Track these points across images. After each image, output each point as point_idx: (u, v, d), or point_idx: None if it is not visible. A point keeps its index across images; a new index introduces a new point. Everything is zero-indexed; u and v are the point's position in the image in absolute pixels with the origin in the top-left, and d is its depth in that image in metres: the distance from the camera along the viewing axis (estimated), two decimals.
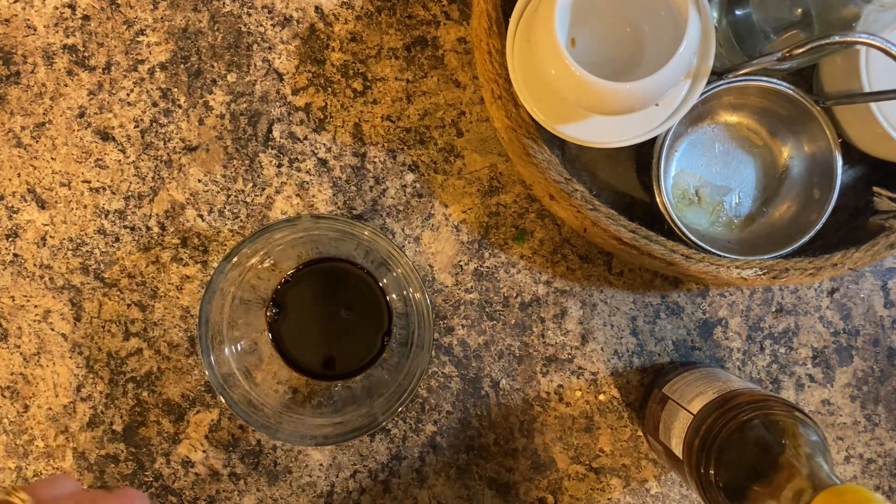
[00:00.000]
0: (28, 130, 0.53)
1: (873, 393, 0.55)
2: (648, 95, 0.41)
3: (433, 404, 0.54)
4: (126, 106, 0.53)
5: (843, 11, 0.42)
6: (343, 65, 0.54)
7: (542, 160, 0.47)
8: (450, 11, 0.54)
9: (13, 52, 0.53)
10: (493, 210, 0.54)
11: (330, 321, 0.52)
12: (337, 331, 0.52)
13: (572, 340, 0.54)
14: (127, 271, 0.54)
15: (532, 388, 0.54)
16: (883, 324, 0.55)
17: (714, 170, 0.53)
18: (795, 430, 0.40)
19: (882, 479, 0.56)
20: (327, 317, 0.52)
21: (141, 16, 0.53)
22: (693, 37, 0.40)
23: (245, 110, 0.53)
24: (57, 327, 0.54)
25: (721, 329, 0.55)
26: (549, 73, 0.41)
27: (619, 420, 0.55)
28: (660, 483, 0.55)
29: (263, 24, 0.53)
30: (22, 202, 0.53)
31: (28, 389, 0.54)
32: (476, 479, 0.54)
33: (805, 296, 0.55)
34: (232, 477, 0.54)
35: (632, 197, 0.53)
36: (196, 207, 0.54)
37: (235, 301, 0.49)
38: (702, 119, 0.53)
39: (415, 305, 0.48)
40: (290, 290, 0.52)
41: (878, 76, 0.47)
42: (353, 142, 0.54)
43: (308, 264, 0.52)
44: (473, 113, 0.54)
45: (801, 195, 0.52)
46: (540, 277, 0.54)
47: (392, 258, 0.47)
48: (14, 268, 0.54)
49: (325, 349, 0.52)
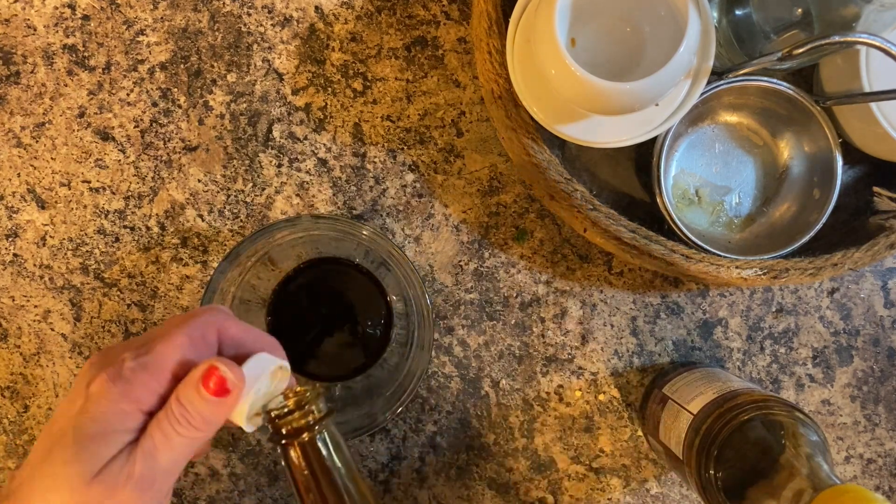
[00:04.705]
0: (28, 130, 0.53)
1: (873, 393, 0.55)
2: (648, 95, 0.41)
3: (433, 404, 0.54)
4: (126, 106, 0.53)
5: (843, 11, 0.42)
6: (343, 65, 0.54)
7: (542, 160, 0.47)
8: (450, 11, 0.54)
9: (13, 52, 0.53)
10: (493, 210, 0.54)
11: (330, 321, 0.52)
12: (337, 331, 0.52)
13: (572, 340, 0.54)
14: (127, 271, 0.54)
15: (532, 388, 0.54)
16: (883, 324, 0.55)
17: (714, 170, 0.53)
18: (795, 430, 0.40)
19: (882, 479, 0.56)
20: (327, 317, 0.52)
21: (141, 16, 0.53)
22: (693, 37, 0.40)
23: (245, 110, 0.53)
24: (57, 327, 0.54)
25: (721, 329, 0.55)
26: (549, 73, 0.41)
27: (619, 420, 0.55)
28: (660, 483, 0.55)
29: (263, 24, 0.53)
30: (22, 202, 0.53)
31: (28, 389, 0.54)
32: (476, 479, 0.54)
33: (805, 296, 0.55)
34: (232, 477, 0.54)
35: (632, 197, 0.53)
36: (196, 207, 0.54)
37: (235, 301, 0.48)
38: (702, 119, 0.53)
39: (415, 305, 0.48)
40: (290, 290, 0.52)
41: (878, 76, 0.47)
42: (353, 142, 0.54)
43: (308, 264, 0.52)
44: (473, 113, 0.54)
45: (801, 195, 0.52)
46: (540, 277, 0.54)
47: (392, 258, 0.47)
48: (14, 268, 0.54)
49: (324, 349, 0.52)
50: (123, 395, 0.31)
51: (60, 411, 0.32)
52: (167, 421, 0.32)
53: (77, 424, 0.31)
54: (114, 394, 0.31)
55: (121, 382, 0.31)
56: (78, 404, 0.32)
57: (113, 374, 0.31)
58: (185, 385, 0.32)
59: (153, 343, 0.33)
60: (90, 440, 0.31)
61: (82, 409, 0.31)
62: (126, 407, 0.31)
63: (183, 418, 0.31)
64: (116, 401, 0.31)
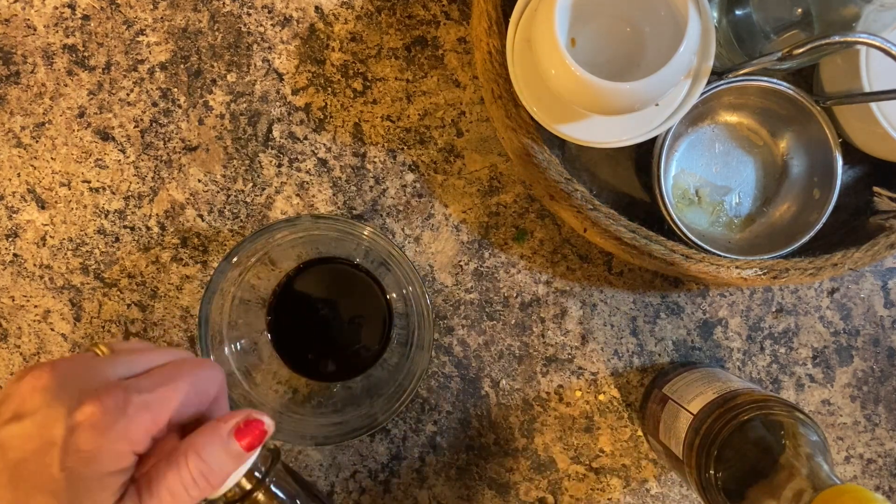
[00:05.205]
0: (28, 130, 0.53)
1: (873, 393, 0.55)
2: (648, 95, 0.41)
3: (433, 404, 0.54)
4: (126, 106, 0.53)
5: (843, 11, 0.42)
6: (343, 65, 0.54)
7: (542, 160, 0.47)
8: (450, 11, 0.54)
9: (13, 52, 0.53)
10: (493, 210, 0.54)
11: (330, 321, 0.52)
12: (337, 331, 0.52)
13: (572, 340, 0.54)
14: (127, 271, 0.54)
15: (532, 388, 0.54)
16: (883, 324, 0.55)
17: (714, 170, 0.53)
18: (795, 430, 0.40)
19: (882, 479, 0.56)
20: (327, 317, 0.52)
21: (141, 16, 0.53)
22: (693, 37, 0.40)
23: (245, 110, 0.53)
24: (57, 327, 0.54)
25: (721, 329, 0.55)
26: (549, 73, 0.41)
27: (619, 420, 0.55)
28: (660, 483, 0.55)
29: (263, 24, 0.53)
30: (22, 202, 0.53)
31: None
32: (476, 479, 0.54)
33: (805, 296, 0.55)
34: None
35: (632, 197, 0.53)
36: (196, 207, 0.54)
37: (235, 301, 0.48)
38: (702, 119, 0.53)
39: (415, 305, 0.48)
40: (289, 290, 0.52)
41: (878, 76, 0.47)
42: (353, 142, 0.54)
43: (308, 264, 0.52)
44: (473, 113, 0.54)
45: (801, 195, 0.52)
46: (540, 277, 0.54)
47: (392, 258, 0.47)
48: (14, 268, 0.54)
49: (324, 349, 0.52)
50: (123, 434, 0.27)
51: (24, 438, 0.26)
52: (177, 478, 0.28)
53: (67, 465, 0.26)
54: (114, 430, 0.27)
55: (123, 419, 0.27)
56: (57, 434, 0.26)
57: (113, 406, 0.27)
58: (210, 438, 0.29)
59: (152, 381, 0.29)
60: (87, 488, 0.26)
61: (69, 445, 0.26)
62: (122, 447, 0.27)
63: (202, 476, 0.28)
64: (115, 439, 0.27)
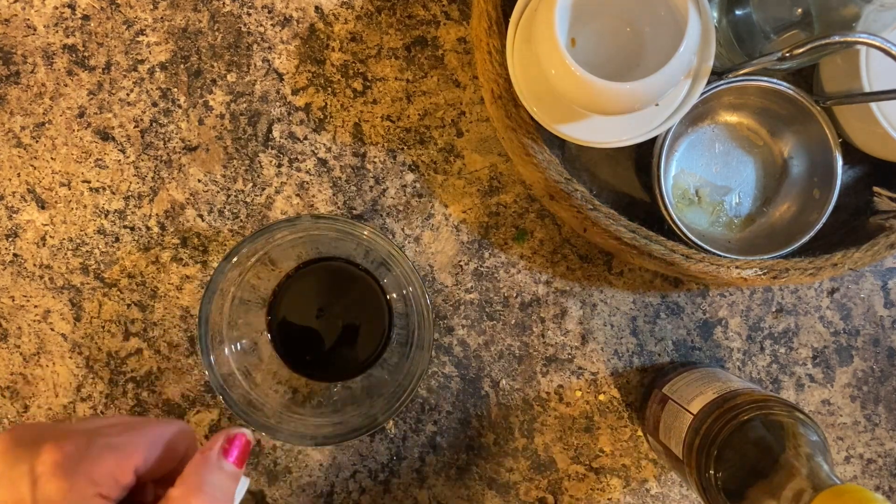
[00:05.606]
0: (28, 130, 0.53)
1: (873, 393, 0.55)
2: (648, 95, 0.41)
3: (433, 404, 0.54)
4: (126, 106, 0.53)
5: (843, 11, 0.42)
6: (343, 65, 0.54)
7: (542, 160, 0.47)
8: (450, 11, 0.54)
9: (13, 51, 0.53)
10: (493, 210, 0.54)
11: (330, 321, 0.52)
12: (337, 331, 0.52)
13: (572, 340, 0.54)
14: (127, 271, 0.54)
15: (532, 388, 0.54)
16: (883, 324, 0.55)
17: (714, 170, 0.53)
18: (795, 430, 0.40)
19: (882, 479, 0.56)
20: (327, 317, 0.52)
21: (141, 16, 0.53)
22: (693, 37, 0.40)
23: (245, 110, 0.53)
24: (57, 327, 0.54)
25: (721, 329, 0.55)
26: (549, 73, 0.41)
27: (619, 420, 0.55)
28: (660, 483, 0.55)
29: (263, 24, 0.53)
30: (22, 202, 0.53)
31: (28, 389, 0.54)
32: (476, 479, 0.54)
33: (805, 296, 0.55)
34: None
35: (632, 197, 0.53)
36: (196, 207, 0.54)
37: (235, 301, 0.48)
38: (702, 119, 0.53)
39: (415, 305, 0.48)
40: (289, 289, 0.52)
41: (878, 76, 0.47)
42: (353, 142, 0.54)
43: (308, 264, 0.52)
44: (473, 113, 0.54)
45: (801, 195, 0.52)
46: (540, 277, 0.54)
47: (392, 258, 0.47)
48: (14, 268, 0.54)
49: (325, 349, 0.52)
50: (87, 476, 0.26)
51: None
52: None
53: None
54: (77, 473, 0.26)
55: (86, 461, 0.26)
56: (25, 491, 0.25)
57: (73, 450, 0.26)
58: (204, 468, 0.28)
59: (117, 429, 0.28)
60: None
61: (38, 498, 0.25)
62: (87, 490, 0.26)
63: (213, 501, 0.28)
64: (80, 483, 0.26)
